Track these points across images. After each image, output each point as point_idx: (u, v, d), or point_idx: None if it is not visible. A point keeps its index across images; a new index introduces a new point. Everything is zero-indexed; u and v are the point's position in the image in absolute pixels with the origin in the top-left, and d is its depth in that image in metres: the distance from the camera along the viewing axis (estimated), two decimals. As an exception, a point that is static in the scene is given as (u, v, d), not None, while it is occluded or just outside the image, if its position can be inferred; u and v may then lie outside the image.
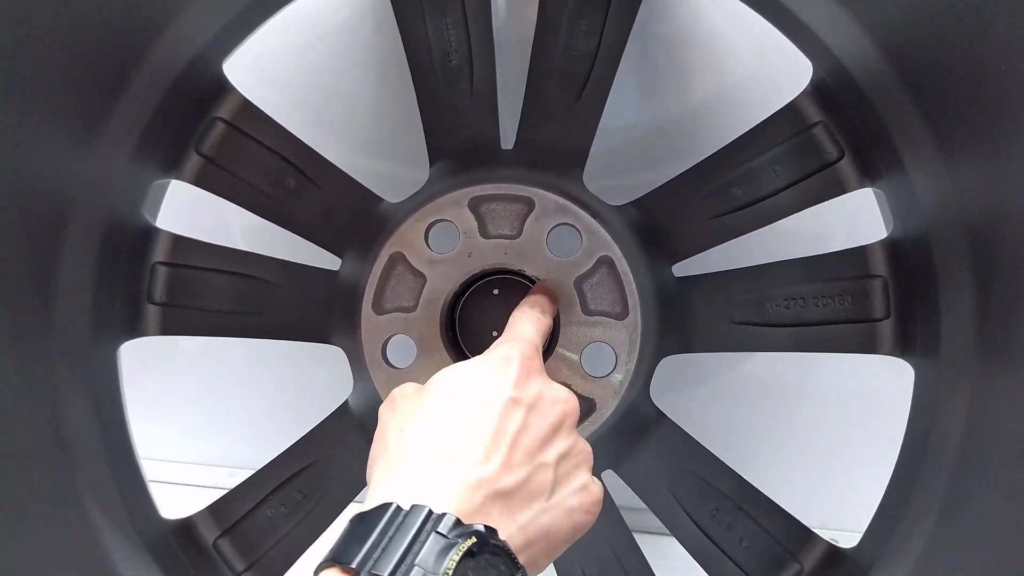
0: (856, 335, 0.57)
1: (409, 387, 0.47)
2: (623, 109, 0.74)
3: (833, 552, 0.58)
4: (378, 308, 0.58)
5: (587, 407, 0.58)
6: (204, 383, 0.88)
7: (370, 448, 0.46)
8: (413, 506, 0.36)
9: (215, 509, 0.61)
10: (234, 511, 0.61)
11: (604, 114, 0.59)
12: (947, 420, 0.50)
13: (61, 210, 0.52)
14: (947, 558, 0.48)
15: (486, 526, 0.36)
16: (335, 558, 0.35)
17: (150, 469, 0.60)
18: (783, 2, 0.54)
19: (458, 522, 0.36)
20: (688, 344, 0.60)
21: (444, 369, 0.46)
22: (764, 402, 0.81)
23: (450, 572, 0.34)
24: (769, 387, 0.80)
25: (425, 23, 0.59)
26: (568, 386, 0.57)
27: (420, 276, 0.58)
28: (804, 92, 0.57)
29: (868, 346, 0.57)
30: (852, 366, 0.77)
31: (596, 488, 0.44)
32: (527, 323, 0.50)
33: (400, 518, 0.36)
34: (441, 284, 0.58)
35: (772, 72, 0.71)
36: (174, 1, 0.52)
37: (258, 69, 0.75)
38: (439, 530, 0.35)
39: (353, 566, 0.34)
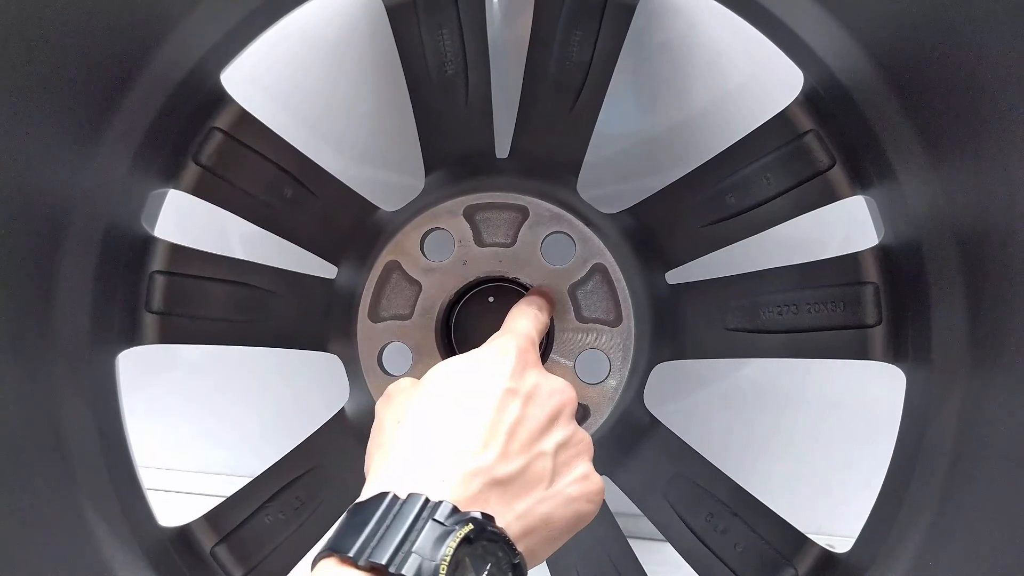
0: (848, 341, 0.57)
1: (405, 382, 0.47)
2: (617, 118, 0.74)
3: (827, 557, 0.58)
4: (374, 316, 0.59)
5: (582, 413, 0.58)
6: (201, 391, 0.88)
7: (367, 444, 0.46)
8: (410, 494, 0.36)
9: (212, 516, 0.62)
10: (231, 518, 0.61)
11: (598, 123, 0.59)
12: (939, 425, 0.50)
13: (61, 219, 0.52)
14: (940, 561, 0.48)
15: (483, 513, 0.36)
16: (333, 547, 0.35)
17: (147, 477, 0.60)
18: (774, 12, 0.54)
19: (455, 509, 0.36)
20: (682, 351, 0.60)
21: (441, 363, 0.46)
22: (757, 408, 0.81)
23: (447, 559, 0.34)
24: (762, 393, 0.81)
25: (421, 34, 0.60)
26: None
27: (416, 284, 0.58)
28: (796, 101, 0.58)
29: (860, 352, 0.57)
30: (845, 372, 0.78)
31: (597, 478, 0.44)
32: (524, 319, 0.50)
33: (397, 507, 0.36)
34: (437, 292, 0.58)
35: (764, 82, 0.71)
36: (173, 12, 0.52)
37: (255, 80, 0.75)
38: (436, 517, 0.35)
39: (351, 555, 0.34)
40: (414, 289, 0.58)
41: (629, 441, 0.61)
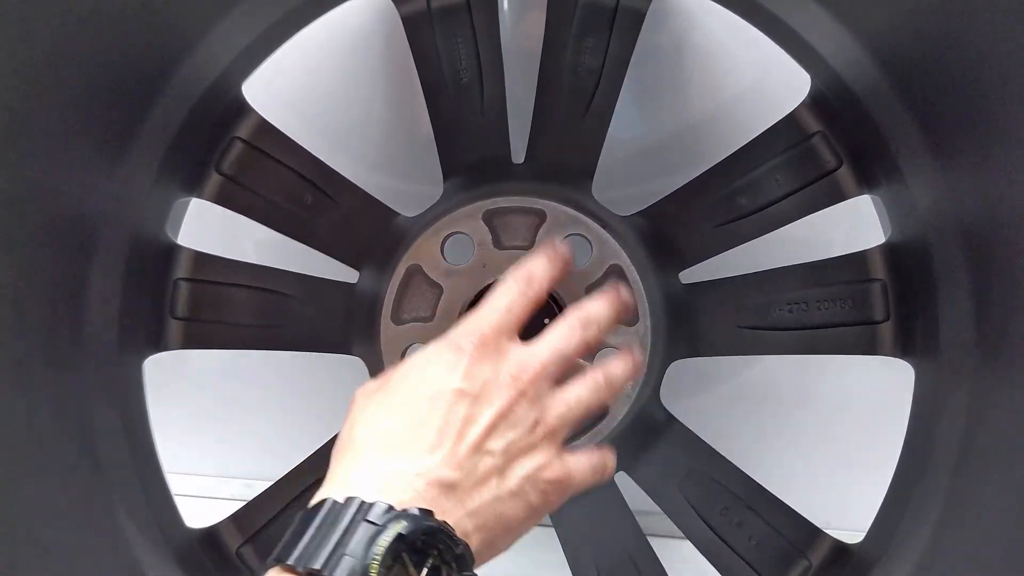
0: (857, 337, 0.58)
1: (371, 384, 0.46)
2: (629, 122, 0.75)
3: (840, 549, 0.59)
4: (396, 319, 0.60)
5: (599, 412, 0.60)
6: (222, 396, 0.88)
7: None
8: (347, 498, 0.37)
9: (238, 518, 0.63)
10: (257, 519, 0.62)
11: (610, 127, 0.60)
12: (947, 418, 0.51)
13: (90, 230, 0.53)
14: (950, 552, 0.49)
15: (421, 509, 0.37)
16: (277, 557, 0.37)
17: (170, 481, 0.61)
18: (781, 17, 0.55)
19: (389, 508, 0.37)
20: (696, 349, 0.61)
21: (403, 361, 0.46)
22: (769, 404, 0.82)
23: (378, 557, 0.35)
24: (774, 390, 0.81)
25: (436, 43, 0.60)
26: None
27: (437, 287, 0.60)
28: (803, 103, 0.59)
29: (869, 347, 0.58)
30: (854, 368, 0.78)
31: (551, 471, 0.43)
32: (501, 298, 0.47)
33: (335, 511, 0.37)
34: (457, 294, 0.59)
35: (772, 84, 0.72)
36: (197, 25, 0.53)
37: (274, 90, 0.75)
38: (369, 518, 0.36)
39: (291, 562, 0.36)
40: (435, 292, 0.60)
41: (646, 438, 0.62)
